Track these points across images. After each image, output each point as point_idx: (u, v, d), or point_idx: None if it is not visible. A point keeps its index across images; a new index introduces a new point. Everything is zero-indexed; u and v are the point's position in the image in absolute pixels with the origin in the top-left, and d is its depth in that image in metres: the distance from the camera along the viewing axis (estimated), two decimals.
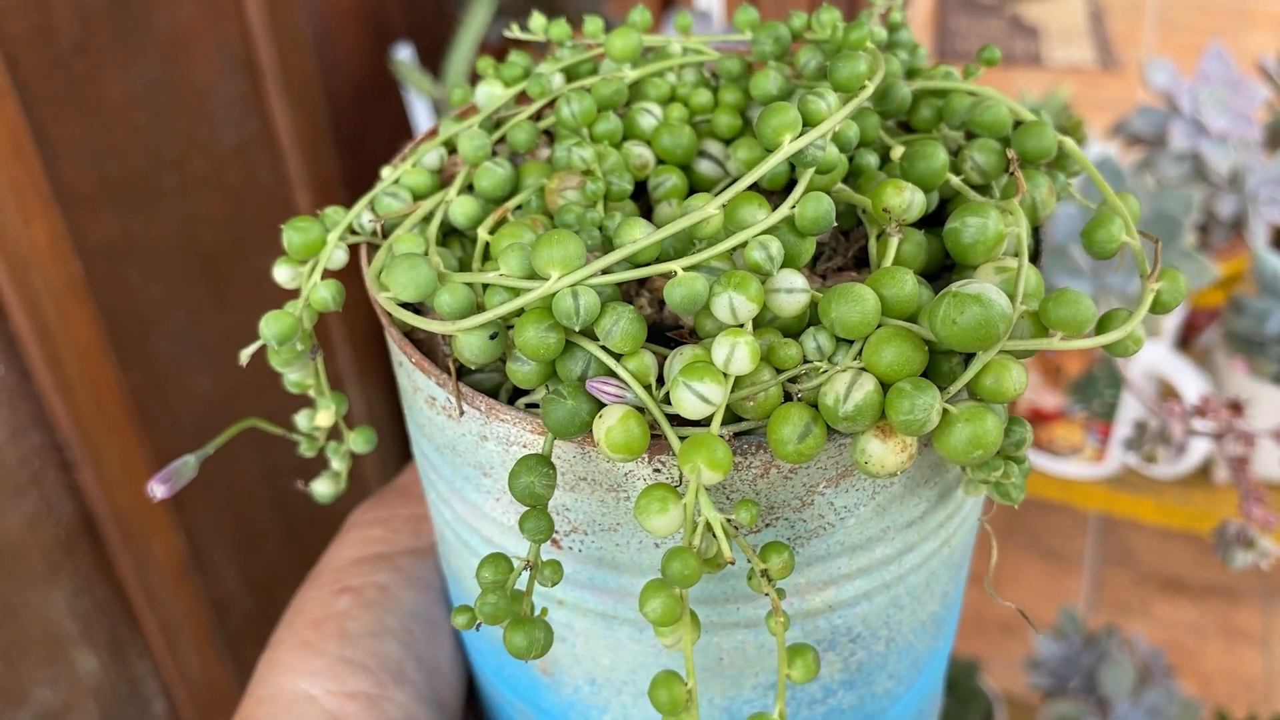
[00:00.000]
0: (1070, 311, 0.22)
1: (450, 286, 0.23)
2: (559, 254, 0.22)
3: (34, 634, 0.68)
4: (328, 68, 0.82)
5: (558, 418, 0.22)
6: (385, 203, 0.27)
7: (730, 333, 0.21)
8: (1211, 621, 1.45)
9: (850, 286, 0.21)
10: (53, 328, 0.64)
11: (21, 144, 0.60)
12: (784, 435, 0.21)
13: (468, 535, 0.28)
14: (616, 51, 0.29)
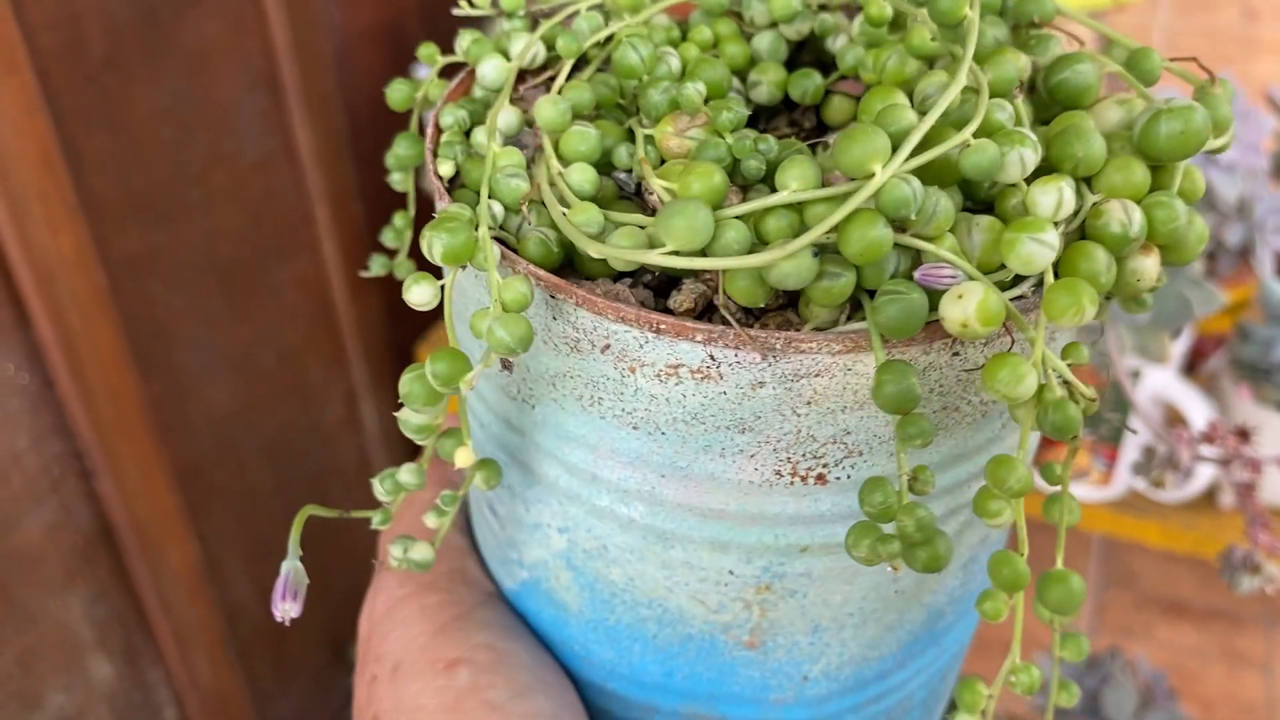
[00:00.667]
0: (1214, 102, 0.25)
1: (729, 224, 0.22)
2: (874, 147, 0.21)
3: (51, 640, 0.69)
4: (348, 85, 0.83)
5: (898, 316, 0.21)
6: (511, 186, 0.25)
7: (1050, 180, 0.22)
8: (1214, 645, 1.45)
9: (1079, 130, 0.23)
10: (77, 337, 0.65)
11: (51, 156, 0.61)
12: (1089, 271, 0.22)
13: (676, 523, 0.26)
14: (626, 3, 0.29)
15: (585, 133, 0.26)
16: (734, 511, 0.25)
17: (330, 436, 0.90)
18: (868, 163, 0.21)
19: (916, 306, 0.21)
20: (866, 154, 0.21)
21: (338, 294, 0.86)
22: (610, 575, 0.28)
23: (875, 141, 0.21)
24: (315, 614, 0.95)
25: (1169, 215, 0.23)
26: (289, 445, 0.86)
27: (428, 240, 0.23)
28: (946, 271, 0.22)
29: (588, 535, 0.27)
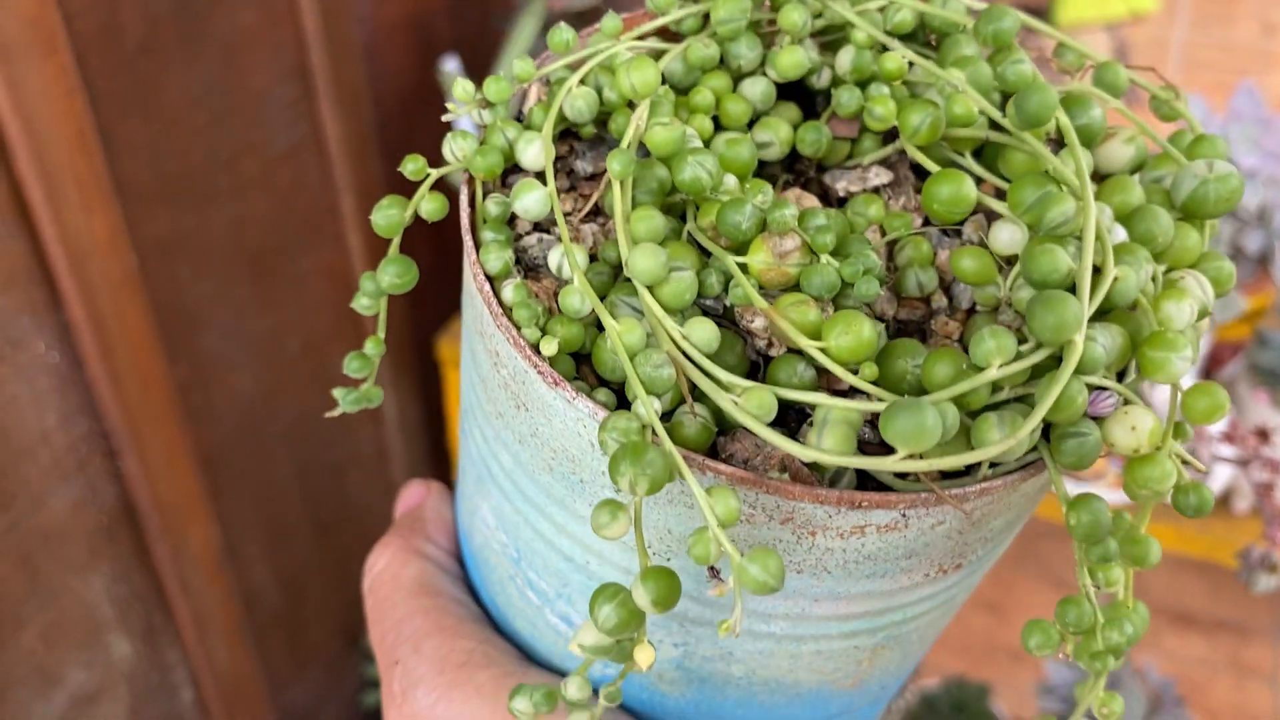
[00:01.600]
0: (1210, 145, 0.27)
1: (943, 410, 0.22)
2: (1063, 318, 0.22)
3: (73, 617, 0.70)
4: (376, 77, 0.84)
5: (1080, 453, 0.23)
6: (661, 376, 0.24)
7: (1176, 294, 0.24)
8: (1221, 656, 1.45)
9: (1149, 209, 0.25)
10: (107, 319, 0.66)
11: (87, 139, 0.62)
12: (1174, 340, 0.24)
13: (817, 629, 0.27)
14: (641, 86, 0.27)
15: (684, 279, 0.24)
16: (876, 609, 0.27)
17: (350, 425, 0.91)
18: (1067, 331, 0.22)
19: (1095, 445, 0.23)
20: (1064, 322, 0.22)
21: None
22: (731, 671, 0.28)
23: (1070, 308, 0.22)
24: (331, 601, 0.96)
25: (1227, 276, 0.25)
26: (310, 433, 0.86)
27: (627, 478, 0.22)
28: (1109, 400, 0.24)
29: (710, 646, 0.28)
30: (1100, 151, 0.28)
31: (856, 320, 0.23)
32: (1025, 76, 0.26)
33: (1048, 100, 0.25)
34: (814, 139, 0.29)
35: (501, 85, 0.28)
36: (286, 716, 0.92)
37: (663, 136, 0.26)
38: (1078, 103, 0.27)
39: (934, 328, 0.27)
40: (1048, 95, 0.25)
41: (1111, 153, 0.28)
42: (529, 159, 0.27)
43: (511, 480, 0.28)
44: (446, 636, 0.32)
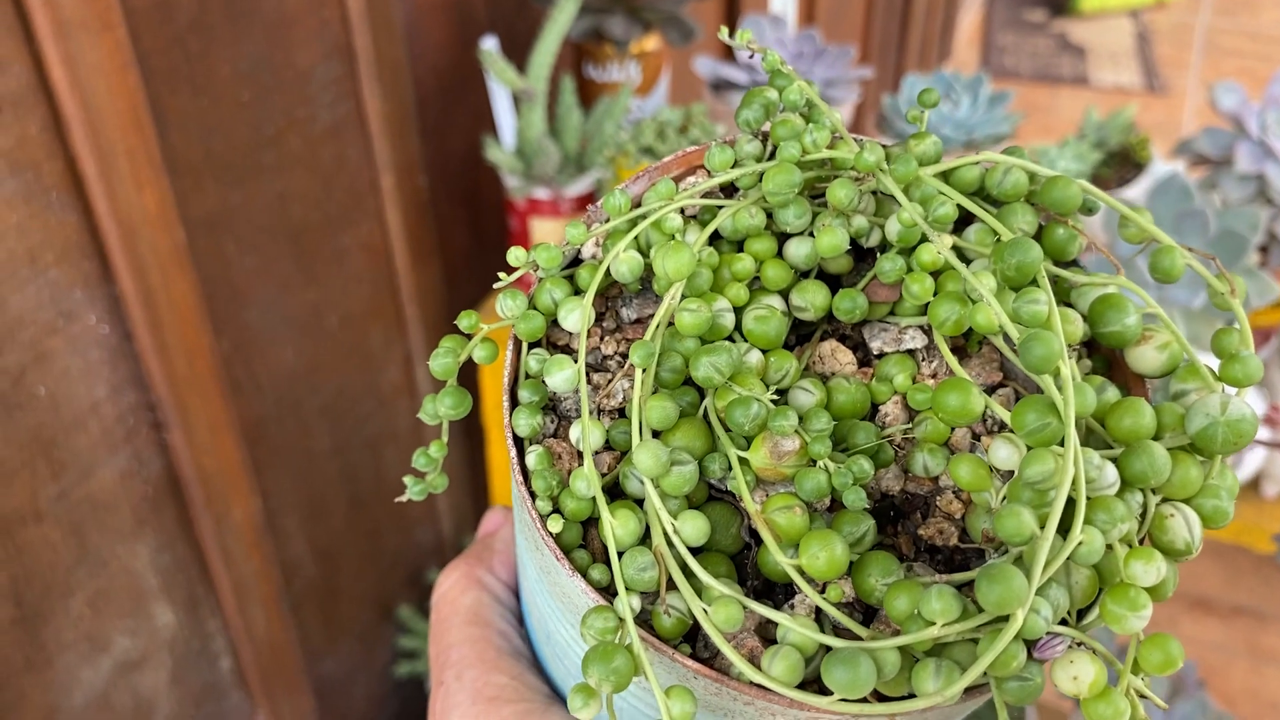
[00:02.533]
0: (1246, 368, 0.27)
1: (887, 657, 0.25)
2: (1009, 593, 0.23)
3: (120, 585, 0.71)
4: (416, 56, 0.84)
5: (1021, 694, 0.24)
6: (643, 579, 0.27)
7: (1144, 556, 0.24)
8: (1239, 642, 1.46)
9: (1144, 447, 0.25)
10: (156, 292, 0.67)
11: (140, 114, 0.63)
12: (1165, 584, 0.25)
13: None
14: (674, 272, 0.29)
15: (684, 474, 0.27)
16: None
17: (387, 400, 0.92)
18: (1009, 606, 0.23)
19: (1036, 689, 0.24)
20: (1007, 599, 0.23)
21: (400, 262, 0.88)
22: None
23: (1014, 585, 0.23)
24: (365, 575, 0.97)
25: (1220, 514, 0.26)
26: (348, 407, 0.87)
27: (596, 678, 0.25)
28: (1060, 645, 0.25)
29: None
30: (1132, 353, 0.28)
31: (829, 542, 0.25)
32: (1038, 317, 0.26)
33: (1050, 353, 0.25)
34: (849, 307, 0.30)
35: (552, 253, 0.30)
36: (321, 686, 0.93)
37: (689, 321, 0.28)
38: (1113, 306, 0.27)
39: (939, 504, 0.29)
40: (1050, 347, 0.25)
41: (1143, 357, 0.28)
42: (569, 324, 0.29)
43: (539, 584, 0.31)
44: (485, 669, 0.36)
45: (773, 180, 0.29)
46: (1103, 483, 0.25)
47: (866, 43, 1.86)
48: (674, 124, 0.82)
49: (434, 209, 0.90)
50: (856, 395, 0.29)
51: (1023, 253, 0.26)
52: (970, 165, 0.29)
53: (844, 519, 0.27)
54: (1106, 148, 0.87)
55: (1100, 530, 0.24)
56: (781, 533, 0.26)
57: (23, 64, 0.57)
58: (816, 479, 0.27)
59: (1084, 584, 0.25)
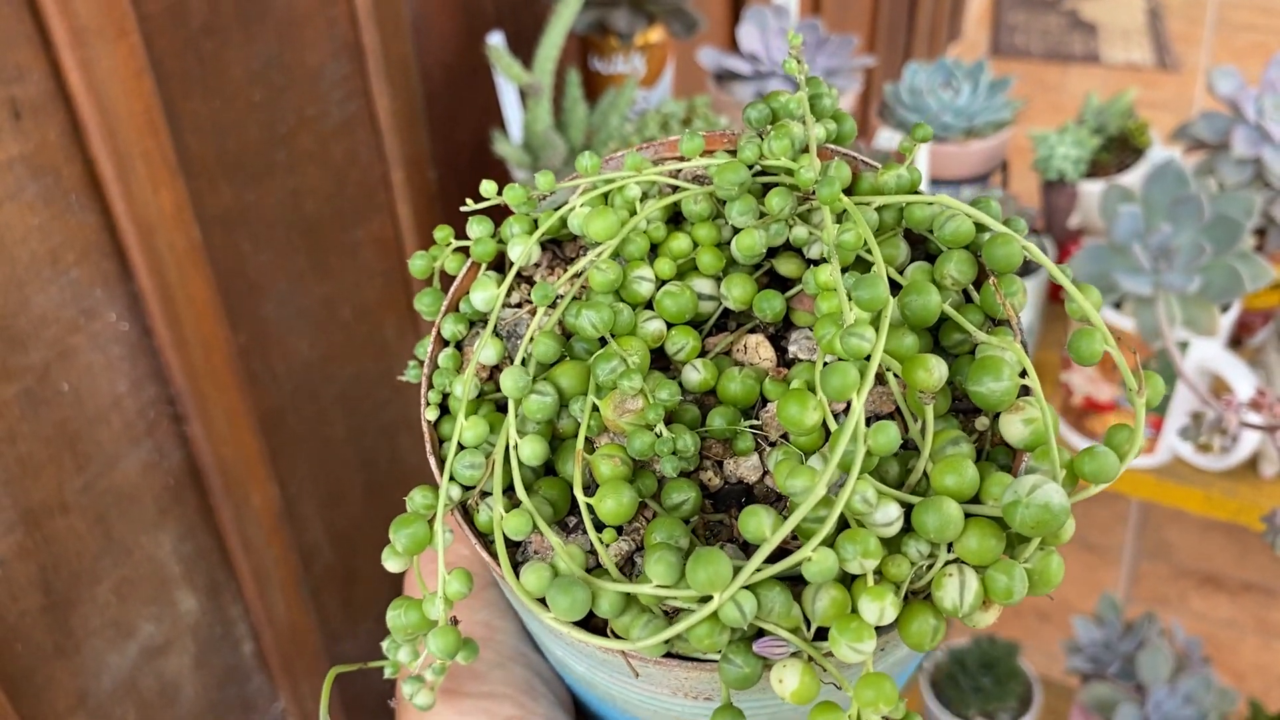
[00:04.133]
0: (1098, 464, 0.27)
1: (605, 595, 0.27)
2: (715, 575, 0.25)
3: (143, 573, 0.74)
4: (424, 52, 0.86)
5: (735, 678, 0.26)
6: (466, 474, 0.30)
7: (874, 595, 0.25)
8: (1248, 618, 1.47)
9: (936, 502, 0.26)
10: (173, 289, 0.69)
11: (154, 117, 0.65)
12: (919, 633, 0.26)
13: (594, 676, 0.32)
14: (598, 233, 0.31)
15: (542, 402, 0.30)
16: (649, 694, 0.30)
17: (401, 389, 0.94)
18: (710, 588, 0.25)
19: (746, 678, 0.26)
20: (710, 580, 0.25)
21: (410, 254, 0.90)
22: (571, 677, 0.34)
23: (719, 569, 0.25)
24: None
25: (1007, 589, 0.26)
26: (363, 397, 0.90)
27: (394, 537, 0.29)
28: (782, 648, 0.26)
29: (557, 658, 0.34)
30: (1003, 420, 0.28)
31: (619, 490, 0.27)
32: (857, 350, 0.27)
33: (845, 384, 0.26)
34: (765, 307, 0.31)
35: (517, 192, 0.33)
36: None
37: (598, 279, 0.31)
38: (988, 369, 0.27)
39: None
40: (845, 378, 0.26)
41: (1010, 426, 0.28)
42: (512, 254, 0.32)
43: None
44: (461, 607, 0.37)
45: (720, 175, 0.31)
46: (878, 518, 0.26)
47: (874, 24, 1.87)
48: (678, 116, 0.83)
49: (443, 202, 0.92)
50: (745, 386, 0.30)
51: (868, 288, 0.27)
52: (924, 204, 0.30)
53: (672, 485, 0.29)
54: (1106, 133, 0.88)
55: (841, 556, 0.25)
56: (598, 475, 0.29)
57: (41, 71, 0.58)
58: (643, 438, 0.29)
59: (827, 605, 0.26)
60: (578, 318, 0.30)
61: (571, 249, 0.35)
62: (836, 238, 0.29)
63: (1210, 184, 0.76)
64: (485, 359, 0.31)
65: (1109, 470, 0.26)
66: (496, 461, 0.30)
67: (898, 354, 0.28)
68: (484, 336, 0.31)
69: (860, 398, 0.26)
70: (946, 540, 0.26)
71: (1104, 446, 0.27)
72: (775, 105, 0.33)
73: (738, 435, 0.30)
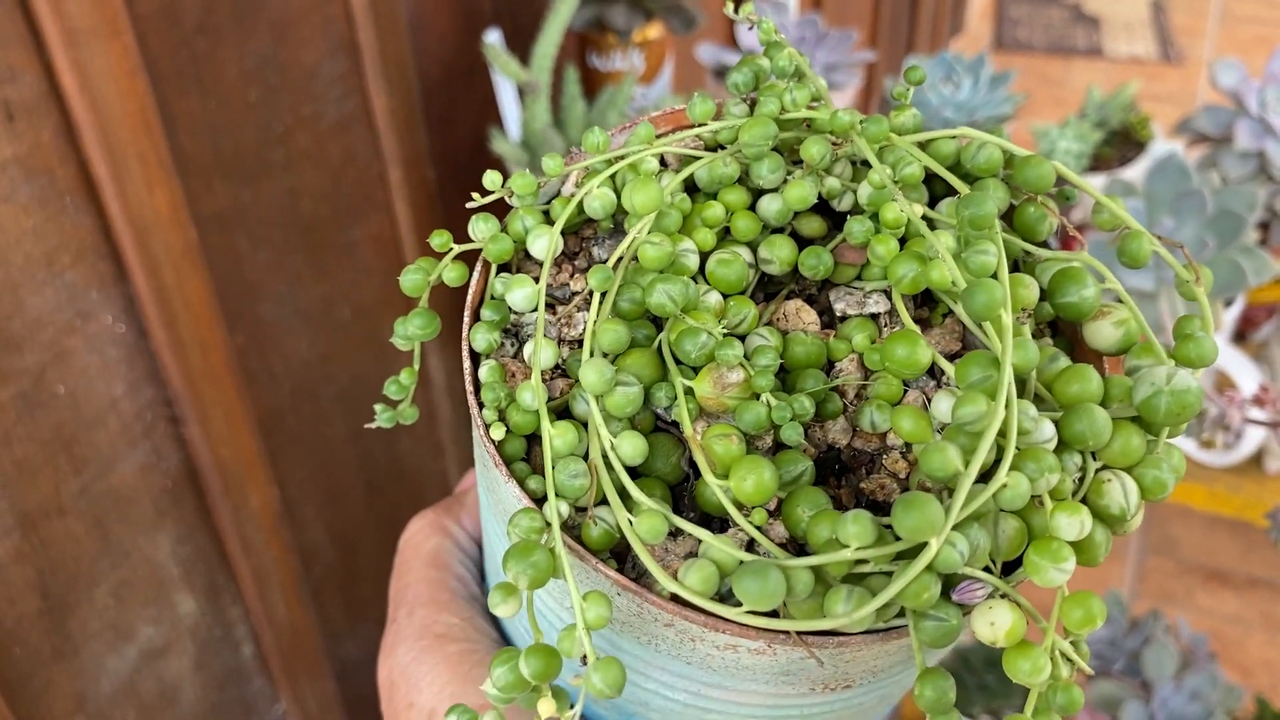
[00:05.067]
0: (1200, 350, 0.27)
1: (799, 575, 0.25)
2: (925, 520, 0.23)
3: (142, 575, 0.73)
4: (421, 50, 0.86)
5: (938, 634, 0.25)
6: (572, 485, 0.27)
7: (1070, 509, 0.24)
8: (1254, 613, 1.47)
9: (1086, 409, 0.25)
10: (169, 290, 0.69)
11: (148, 118, 0.64)
12: (1091, 550, 0.26)
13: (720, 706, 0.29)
14: (641, 206, 0.30)
15: (628, 394, 0.27)
16: (769, 704, 0.28)
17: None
18: (923, 533, 0.23)
19: (952, 630, 0.25)
20: (921, 525, 0.23)
21: (409, 253, 0.89)
22: (650, 717, 0.31)
23: (930, 512, 0.23)
24: (384, 559, 0.99)
25: (1159, 485, 0.26)
26: (363, 397, 0.89)
27: (513, 572, 0.25)
28: (980, 590, 0.25)
29: (630, 697, 0.30)
30: (1090, 328, 0.28)
31: (758, 466, 0.25)
32: (985, 267, 0.26)
33: (991, 299, 0.25)
34: (813, 264, 0.30)
35: (527, 180, 0.31)
36: (342, 669, 0.96)
37: (651, 254, 0.29)
38: (1072, 279, 0.27)
39: (885, 463, 0.29)
40: (992, 294, 0.25)
41: (1100, 332, 0.28)
42: (536, 250, 0.30)
43: (488, 510, 0.32)
44: (436, 609, 0.37)
45: (749, 132, 0.30)
46: (1038, 436, 0.26)
47: (876, 19, 1.86)
48: None
49: (442, 201, 0.91)
50: (812, 348, 0.29)
51: (976, 205, 0.27)
52: (947, 139, 0.30)
53: (783, 458, 0.28)
54: (1108, 127, 0.87)
55: (1028, 478, 0.24)
56: (717, 459, 0.27)
57: (34, 72, 0.58)
58: (756, 411, 0.27)
59: (1011, 535, 0.25)
60: (653, 296, 0.28)
61: (574, 242, 0.33)
62: (899, 173, 0.29)
63: (1213, 178, 0.76)
64: (545, 362, 0.28)
65: (1210, 351, 0.27)
66: (596, 466, 0.27)
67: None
68: (536, 338, 0.29)
69: (1008, 313, 0.26)
70: (1101, 445, 0.26)
71: (1200, 332, 0.27)
72: (761, 66, 0.32)
73: (826, 398, 0.29)
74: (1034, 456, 0.25)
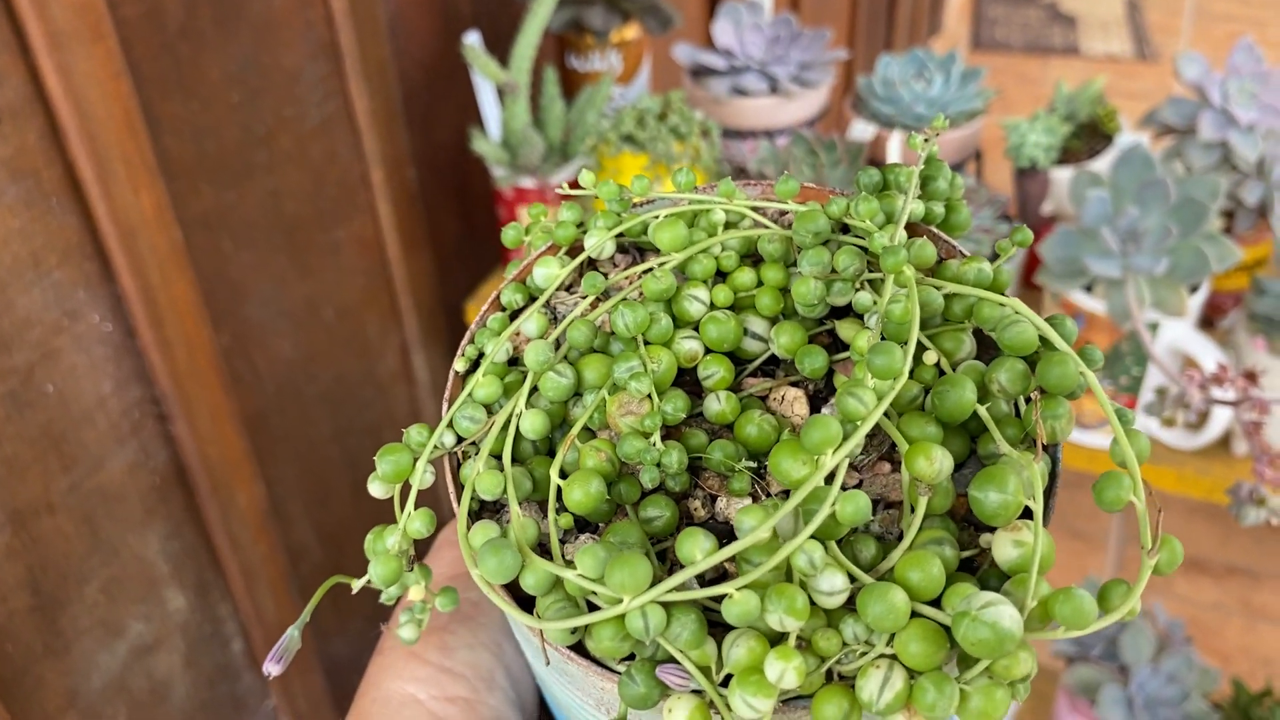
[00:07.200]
0: (1074, 608, 0.24)
1: (532, 568, 0.27)
2: (629, 578, 0.24)
3: (131, 572, 0.74)
4: (401, 52, 0.87)
5: (632, 697, 0.26)
6: (463, 425, 0.30)
7: (782, 655, 0.24)
8: (1233, 601, 1.49)
9: (884, 588, 0.24)
10: (156, 291, 0.70)
11: (133, 120, 0.65)
12: (831, 715, 0.25)
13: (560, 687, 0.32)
14: (666, 243, 0.31)
15: (559, 382, 0.30)
16: (579, 702, 0.30)
17: (385, 387, 0.95)
18: (621, 590, 0.25)
19: (643, 697, 0.26)
20: (625, 582, 0.24)
21: (392, 253, 0.90)
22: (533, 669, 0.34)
23: (636, 571, 0.24)
24: None
25: (933, 704, 0.24)
26: (347, 395, 0.90)
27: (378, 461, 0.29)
28: (679, 679, 0.26)
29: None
30: (996, 538, 0.26)
31: (590, 481, 0.27)
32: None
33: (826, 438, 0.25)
34: (809, 362, 0.30)
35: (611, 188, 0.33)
36: (332, 666, 0.97)
37: (650, 285, 0.31)
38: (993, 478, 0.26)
39: None
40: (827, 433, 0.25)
41: (1000, 544, 0.26)
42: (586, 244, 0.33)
43: None
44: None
45: (800, 221, 0.31)
46: (819, 583, 0.25)
47: (854, 19, 1.88)
48: (653, 111, 0.84)
49: (424, 201, 0.93)
50: (760, 431, 0.29)
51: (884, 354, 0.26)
52: (993, 304, 0.29)
53: (649, 500, 0.29)
54: (1077, 120, 0.89)
55: (762, 606, 0.24)
56: (581, 464, 0.29)
57: (19, 76, 0.59)
58: (634, 443, 0.29)
59: (742, 655, 0.25)
60: (615, 315, 0.30)
61: (653, 258, 0.34)
62: (886, 305, 0.28)
63: (1177, 168, 0.78)
64: (527, 330, 0.31)
65: (1083, 617, 0.24)
66: (497, 424, 0.30)
67: (912, 440, 0.27)
68: (532, 309, 0.31)
69: (837, 457, 0.25)
70: (885, 631, 0.25)
71: (1084, 591, 0.24)
72: (889, 175, 0.32)
73: (735, 474, 0.29)
74: (783, 592, 0.24)
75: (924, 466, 0.26)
